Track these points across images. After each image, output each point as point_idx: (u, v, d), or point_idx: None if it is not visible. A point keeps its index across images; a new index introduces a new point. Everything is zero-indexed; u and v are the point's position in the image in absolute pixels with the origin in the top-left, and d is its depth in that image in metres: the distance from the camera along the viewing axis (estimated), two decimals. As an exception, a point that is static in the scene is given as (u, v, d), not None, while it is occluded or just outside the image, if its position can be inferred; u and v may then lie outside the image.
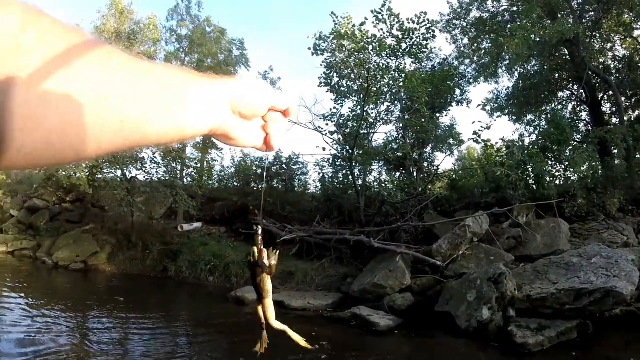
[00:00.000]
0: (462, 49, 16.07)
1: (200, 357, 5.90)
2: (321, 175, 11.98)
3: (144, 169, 10.76)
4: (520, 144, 13.85)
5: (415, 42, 12.27)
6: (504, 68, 16.41)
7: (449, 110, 13.64)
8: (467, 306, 6.31)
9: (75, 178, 10.66)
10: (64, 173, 11.02)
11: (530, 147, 12.44)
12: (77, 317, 7.11)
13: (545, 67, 15.76)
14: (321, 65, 11.47)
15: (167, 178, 11.11)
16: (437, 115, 13.00)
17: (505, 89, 16.72)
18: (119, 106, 0.38)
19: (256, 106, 0.57)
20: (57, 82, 0.34)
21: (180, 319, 7.82)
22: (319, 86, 11.37)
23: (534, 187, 11.68)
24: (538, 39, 13.50)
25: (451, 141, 12.83)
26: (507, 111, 16.39)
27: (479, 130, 11.98)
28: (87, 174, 10.73)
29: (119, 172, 10.91)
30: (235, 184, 13.20)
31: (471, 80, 15.08)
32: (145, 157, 10.70)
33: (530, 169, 11.84)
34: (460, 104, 13.96)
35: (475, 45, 16.40)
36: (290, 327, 0.78)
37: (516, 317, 6.12)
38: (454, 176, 13.39)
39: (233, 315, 7.83)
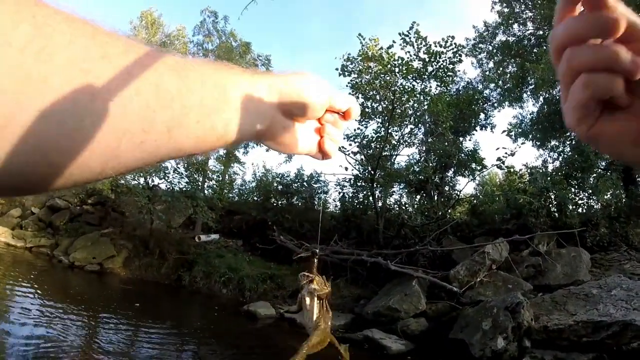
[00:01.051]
0: (487, 72, 15.97)
1: None
2: (341, 194, 11.93)
3: (166, 178, 10.88)
4: (544, 170, 13.62)
5: (442, 66, 12.26)
6: (528, 93, 16.26)
7: (473, 134, 13.49)
8: (482, 335, 6.20)
9: (99, 184, 10.81)
10: (87, 176, 11.16)
11: (554, 173, 12.23)
12: (88, 317, 7.19)
13: (571, 92, 15.54)
14: (347, 86, 11.50)
15: (188, 189, 11.20)
16: (461, 139, 12.87)
17: (530, 114, 16.50)
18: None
19: (311, 106, 0.48)
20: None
21: (190, 329, 7.81)
22: (343, 106, 11.34)
23: (556, 214, 11.45)
24: (564, 64, 13.34)
25: (474, 165, 12.64)
26: (530, 136, 16.15)
27: (504, 157, 11.85)
28: (110, 179, 10.87)
29: (141, 180, 11.04)
30: (255, 198, 13.23)
31: (496, 105, 14.93)
32: (168, 166, 10.84)
33: (552, 196, 11.64)
34: (484, 128, 13.81)
35: (501, 69, 16.31)
36: (300, 344, 0.75)
37: (531, 347, 5.99)
38: (474, 201, 13.18)
39: (244, 328, 7.84)
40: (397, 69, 11.41)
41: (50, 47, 0.26)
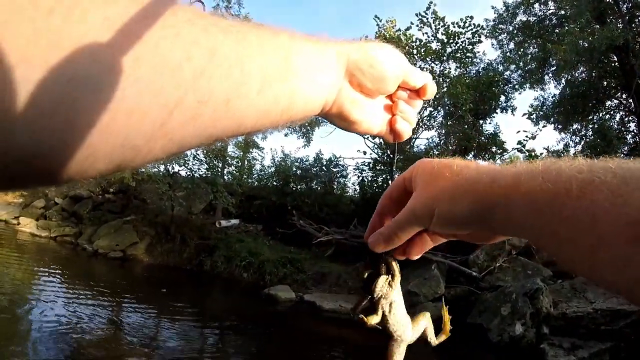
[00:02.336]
0: (508, 53, 15.52)
1: (228, 349, 5.96)
2: (360, 178, 11.85)
3: (186, 165, 10.99)
4: (565, 154, 13.25)
5: (461, 47, 11.99)
6: (550, 74, 15.78)
7: (493, 117, 13.18)
8: (500, 320, 6.22)
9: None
10: (108, 165, 11.37)
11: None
12: (113, 303, 7.37)
13: (594, 74, 15.00)
14: (364, 67, 11.33)
15: (208, 175, 11.29)
16: (481, 121, 12.58)
17: (552, 97, 16.02)
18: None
19: (385, 78, 0.44)
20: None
21: (212, 312, 7.96)
22: (361, 89, 11.23)
23: None
24: (586, 45, 12.89)
25: (494, 149, 12.37)
26: (552, 119, 15.71)
27: (524, 140, 11.59)
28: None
29: (162, 167, 11.20)
30: (275, 183, 13.27)
31: (517, 87, 14.53)
32: (188, 153, 10.91)
33: None
34: (504, 111, 13.47)
35: (522, 50, 15.83)
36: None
37: (549, 334, 5.96)
38: (495, 186, 12.91)
39: (264, 312, 7.96)
40: (415, 51, 11.20)
41: (84, 4, 0.23)
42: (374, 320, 0.50)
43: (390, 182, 0.50)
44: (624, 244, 0.25)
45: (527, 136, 11.67)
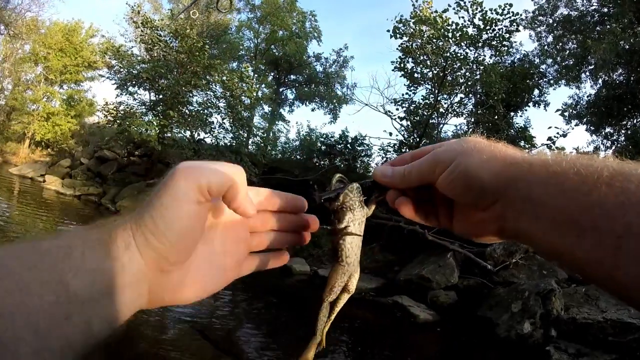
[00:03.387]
0: (546, 47, 15.00)
1: (240, 316, 6.03)
2: (384, 159, 11.74)
3: (211, 132, 11.08)
4: (595, 157, 12.86)
5: (497, 34, 11.62)
6: (587, 73, 15.21)
7: (525, 110, 12.83)
8: (510, 316, 6.16)
9: (146, 134, 11.17)
10: (135, 128, 11.60)
11: None
12: None
13: (632, 77, 14.39)
14: (397, 49, 11.14)
15: (233, 144, 11.37)
16: (512, 114, 12.26)
17: (587, 96, 15.47)
18: None
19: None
20: None
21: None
22: (393, 70, 11.09)
23: None
24: (627, 46, 12.37)
25: (522, 143, 12.07)
26: (585, 120, 15.21)
27: (555, 137, 11.26)
28: (158, 131, 11.21)
29: (187, 133, 11.31)
30: (298, 157, 13.29)
31: (552, 82, 14.07)
32: (214, 121, 11.03)
33: None
34: (537, 105, 13.09)
35: (560, 44, 15.28)
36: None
37: (557, 337, 5.86)
38: (519, 180, 12.66)
39: (279, 282, 8.08)
40: (450, 34, 10.91)
41: None
42: (339, 224, 0.44)
43: None
44: None
45: (558, 133, 11.33)
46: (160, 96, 11.92)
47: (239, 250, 0.43)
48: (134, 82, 12.41)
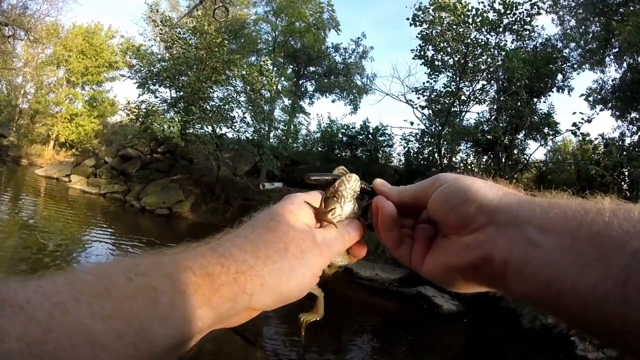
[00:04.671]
0: (568, 30, 14.55)
1: (266, 313, 6.03)
2: (406, 149, 11.68)
3: (233, 127, 11.19)
4: (620, 143, 12.48)
5: (518, 18, 11.35)
6: (612, 56, 14.70)
7: (549, 96, 12.52)
8: None
9: (169, 131, 11.37)
10: (158, 126, 11.81)
11: (630, 148, 11.22)
12: None
13: (659, 61, 13.87)
14: (417, 37, 11.01)
15: (255, 137, 11.47)
16: (535, 100, 12.00)
17: (612, 80, 14.99)
18: None
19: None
20: None
21: None
22: (413, 59, 10.98)
23: (628, 193, 10.61)
24: (652, 28, 11.93)
25: (547, 130, 11.81)
26: (610, 105, 14.74)
27: (579, 122, 10.99)
28: (180, 127, 11.39)
29: (209, 128, 11.46)
30: (320, 149, 13.34)
31: (575, 66, 13.68)
32: (235, 116, 11.13)
33: (626, 173, 10.74)
34: (561, 90, 12.75)
35: (583, 27, 14.80)
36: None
37: None
38: (544, 168, 12.40)
39: None
40: (470, 20, 10.72)
41: None
42: (324, 209, 0.43)
43: (436, 154, 0.45)
44: None
45: (582, 119, 11.03)
46: (181, 93, 12.09)
47: None
48: (154, 80, 12.62)
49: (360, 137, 12.45)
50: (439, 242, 0.38)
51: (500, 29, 11.11)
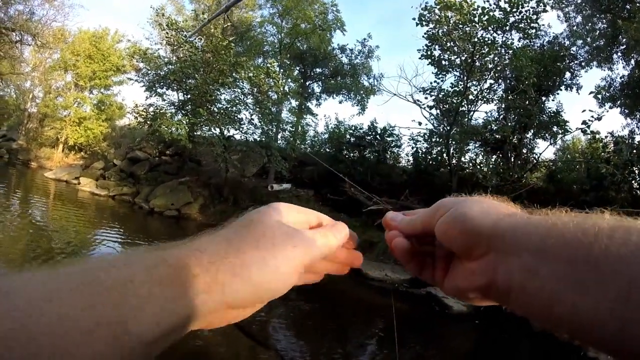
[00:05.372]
0: (575, 28, 14.46)
1: (273, 309, 6.07)
2: (414, 149, 11.66)
3: (240, 129, 11.24)
4: (630, 141, 12.37)
5: (525, 16, 11.30)
6: (619, 54, 14.59)
7: (557, 94, 12.44)
8: None
9: (177, 133, 11.45)
10: (166, 128, 11.90)
11: None
12: None
13: (667, 57, 13.75)
14: (423, 37, 11.00)
15: (262, 139, 11.52)
16: (543, 98, 11.94)
17: (620, 77, 14.86)
18: None
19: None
20: None
21: None
22: (419, 58, 10.97)
23: (638, 192, 10.51)
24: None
25: (556, 129, 11.73)
26: (619, 102, 14.62)
27: (589, 121, 10.89)
28: (188, 130, 11.47)
29: (217, 130, 11.52)
30: (327, 150, 13.38)
31: (583, 64, 13.58)
32: (243, 118, 11.18)
33: (636, 171, 10.64)
34: (569, 88, 12.66)
35: (590, 24, 14.70)
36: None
37: None
38: (553, 167, 12.33)
39: None
40: (476, 19, 10.69)
41: None
42: None
43: (445, 154, 0.46)
44: None
45: (592, 116, 10.93)
46: (189, 96, 12.17)
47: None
48: (162, 84, 12.71)
49: (368, 137, 12.44)
50: (453, 264, 0.39)
51: (507, 28, 11.06)
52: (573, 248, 0.26)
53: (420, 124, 11.09)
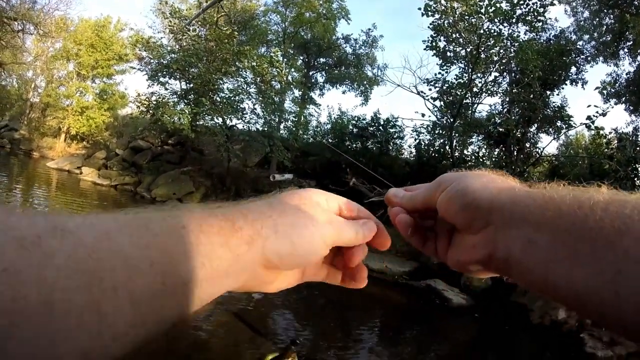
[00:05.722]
0: (582, 22, 14.37)
1: (274, 300, 6.07)
2: (417, 141, 11.63)
3: (243, 119, 11.21)
4: (634, 138, 12.33)
5: (532, 9, 11.21)
6: (626, 50, 14.51)
7: (562, 88, 12.36)
8: (545, 303, 6.12)
9: (179, 123, 11.43)
10: (168, 118, 11.88)
11: None
12: None
13: (674, 55, 13.68)
14: (429, 27, 10.92)
15: (265, 129, 11.50)
16: (548, 92, 11.86)
17: (626, 74, 14.78)
18: None
19: (310, 259, 0.37)
20: None
21: None
22: (424, 49, 10.90)
23: None
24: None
25: (559, 123, 11.66)
26: (624, 99, 14.56)
27: (594, 116, 10.83)
28: (190, 119, 11.44)
29: (219, 120, 11.49)
30: (330, 140, 13.36)
31: (589, 59, 13.50)
32: (245, 107, 11.13)
33: (639, 168, 10.61)
34: (574, 83, 12.59)
35: (597, 19, 14.60)
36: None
37: (592, 326, 5.74)
38: (556, 162, 12.28)
39: None
40: (483, 10, 10.60)
41: None
42: None
43: (448, 147, 0.44)
44: None
45: (597, 112, 10.87)
46: (191, 85, 12.13)
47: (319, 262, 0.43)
48: (164, 72, 12.66)
49: (371, 128, 12.39)
50: (455, 238, 0.40)
51: (514, 20, 10.97)
52: (569, 220, 0.27)
53: (423, 115, 11.07)
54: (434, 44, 10.98)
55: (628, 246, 0.24)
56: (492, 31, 10.72)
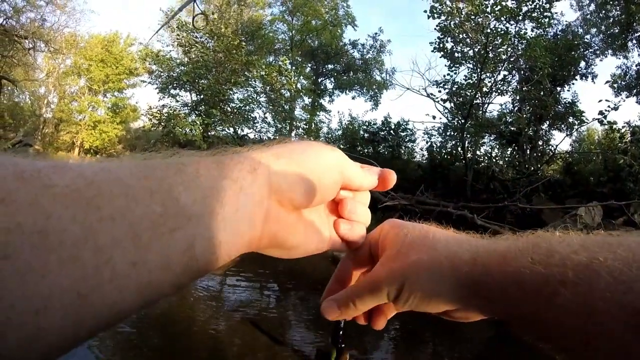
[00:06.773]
0: (588, 16, 14.22)
1: (290, 308, 6.05)
2: (429, 143, 11.61)
3: (254, 127, 11.32)
4: (646, 131, 12.12)
5: (537, 5, 11.15)
6: (634, 41, 14.31)
7: (572, 84, 12.24)
8: None
9: (191, 134, 11.59)
10: (180, 129, 12.06)
11: None
12: None
13: (683, 44, 13.46)
14: (435, 29, 10.94)
15: (276, 137, 11.57)
16: (558, 89, 11.77)
17: (636, 65, 14.57)
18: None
19: (319, 192, 0.34)
20: None
21: (273, 270, 8.16)
22: (432, 51, 10.91)
23: None
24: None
25: (571, 119, 11.56)
26: (635, 91, 14.35)
27: (605, 110, 10.71)
28: (202, 130, 11.61)
29: (231, 130, 11.63)
30: (341, 146, 13.40)
31: (598, 52, 13.35)
32: (256, 117, 11.24)
33: None
34: (584, 77, 12.46)
35: (603, 12, 14.44)
36: None
37: None
38: (569, 159, 12.15)
39: (327, 272, 8.01)
40: (489, 9, 10.59)
41: None
42: None
43: (460, 148, 0.44)
44: (624, 333, 0.23)
45: (609, 106, 10.75)
46: (202, 96, 12.31)
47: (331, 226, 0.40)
48: (175, 85, 12.87)
49: (382, 133, 12.42)
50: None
51: (520, 17, 10.93)
52: (530, 299, 0.28)
53: (434, 117, 11.05)
54: (441, 45, 10.99)
55: (600, 322, 0.24)
56: (499, 30, 10.70)
